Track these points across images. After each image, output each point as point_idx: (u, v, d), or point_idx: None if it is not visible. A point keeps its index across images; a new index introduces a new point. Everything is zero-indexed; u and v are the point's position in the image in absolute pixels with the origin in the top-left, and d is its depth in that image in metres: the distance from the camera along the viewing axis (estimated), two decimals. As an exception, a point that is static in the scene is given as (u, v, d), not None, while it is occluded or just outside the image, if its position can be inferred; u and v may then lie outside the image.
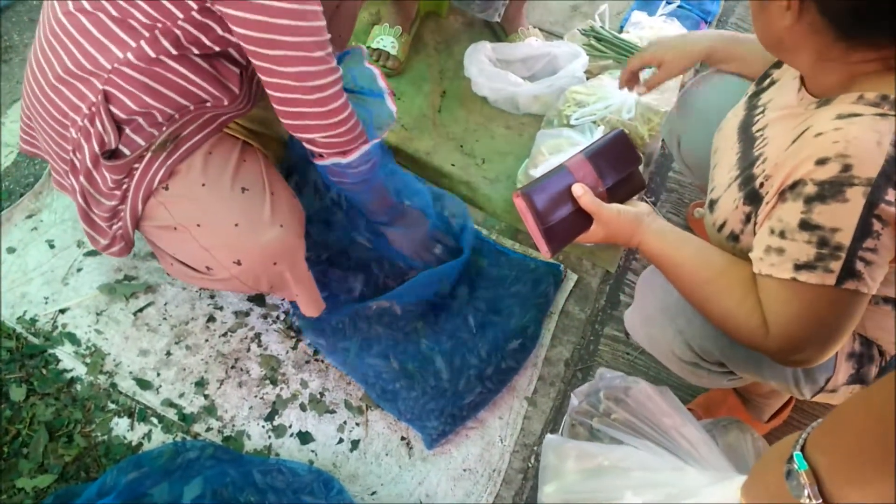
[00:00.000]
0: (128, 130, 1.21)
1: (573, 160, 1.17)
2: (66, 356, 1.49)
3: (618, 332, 1.69)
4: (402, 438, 1.49)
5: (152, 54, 1.15)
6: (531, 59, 2.12)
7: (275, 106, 1.19)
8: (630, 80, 1.58)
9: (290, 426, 1.48)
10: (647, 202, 1.96)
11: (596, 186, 1.15)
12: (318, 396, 1.52)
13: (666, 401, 1.07)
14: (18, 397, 1.42)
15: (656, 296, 1.24)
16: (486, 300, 1.66)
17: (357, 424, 1.50)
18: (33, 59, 1.27)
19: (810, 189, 0.92)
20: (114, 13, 1.13)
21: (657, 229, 1.12)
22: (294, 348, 1.57)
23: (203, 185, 1.27)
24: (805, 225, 0.92)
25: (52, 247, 1.64)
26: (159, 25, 1.13)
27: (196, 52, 1.17)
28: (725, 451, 1.05)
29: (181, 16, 1.12)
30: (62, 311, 1.55)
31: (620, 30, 2.29)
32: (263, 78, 1.15)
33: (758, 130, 1.13)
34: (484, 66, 2.04)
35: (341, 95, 1.21)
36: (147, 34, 1.13)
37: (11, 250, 1.62)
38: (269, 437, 1.46)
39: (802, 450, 0.67)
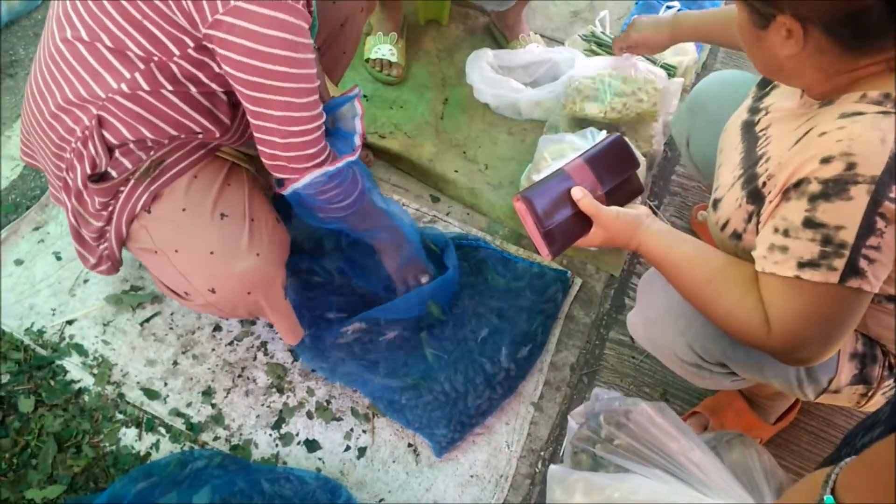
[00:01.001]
0: (117, 153, 1.23)
1: (572, 164, 1.18)
2: (73, 367, 1.50)
3: (623, 335, 1.69)
4: (409, 445, 1.49)
5: (147, 87, 1.16)
6: (532, 65, 2.13)
7: (253, 133, 1.20)
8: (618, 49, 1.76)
9: (297, 434, 1.48)
10: (649, 205, 1.96)
11: (594, 190, 1.16)
12: (325, 404, 1.52)
13: (668, 421, 1.06)
14: (27, 409, 1.42)
15: (657, 298, 1.24)
16: (493, 308, 1.66)
17: (364, 432, 1.50)
18: (33, 85, 1.28)
19: (814, 187, 0.92)
20: (109, 43, 1.14)
21: (656, 230, 1.12)
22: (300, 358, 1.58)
23: (184, 209, 1.28)
24: (809, 223, 0.93)
25: (58, 258, 1.65)
26: (155, 59, 1.14)
27: (194, 89, 1.19)
28: (732, 468, 1.04)
29: (177, 52, 1.13)
30: (69, 323, 1.56)
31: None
32: (248, 108, 1.15)
33: (761, 130, 1.13)
34: (485, 72, 2.05)
35: (321, 140, 1.22)
36: (142, 66, 1.14)
37: (19, 262, 1.64)
38: (277, 445, 1.46)
39: (832, 492, 0.66)
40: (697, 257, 1.08)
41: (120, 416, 1.46)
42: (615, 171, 1.19)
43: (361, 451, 1.47)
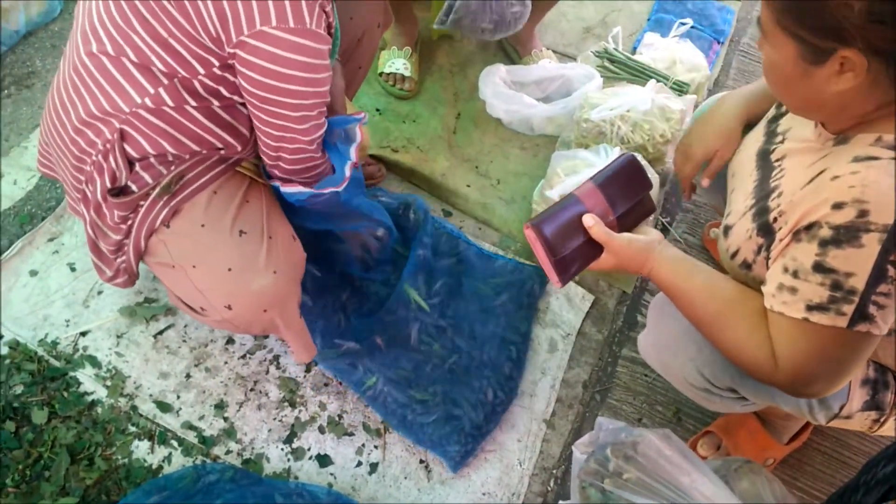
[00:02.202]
0: (137, 167, 1.24)
1: (583, 189, 1.16)
2: (87, 379, 1.50)
3: (635, 353, 1.68)
4: (421, 461, 1.49)
5: (171, 102, 1.17)
6: (545, 80, 2.14)
7: (259, 137, 1.25)
8: (690, 188, 1.50)
9: (309, 449, 1.48)
10: (662, 223, 1.96)
11: (606, 215, 1.15)
12: (337, 419, 1.52)
13: (676, 452, 1.06)
14: (40, 420, 1.43)
15: (667, 322, 1.24)
16: (477, 308, 1.69)
17: (375, 447, 1.50)
18: (55, 96, 1.28)
19: (826, 232, 0.92)
20: (134, 58, 1.15)
21: (668, 258, 1.12)
22: (311, 370, 1.58)
23: (203, 225, 1.28)
24: (819, 267, 0.93)
25: (73, 270, 1.66)
26: (179, 76, 1.15)
27: (216, 103, 1.20)
28: (742, 498, 1.04)
29: (203, 71, 1.15)
30: (83, 334, 1.57)
31: (633, 51, 2.30)
32: (255, 115, 1.20)
33: (776, 160, 1.13)
34: (498, 88, 2.06)
35: (318, 149, 1.29)
36: (166, 82, 1.16)
37: (34, 273, 1.64)
38: (289, 459, 1.46)
39: None
40: (708, 288, 1.08)
41: (132, 429, 1.46)
42: (628, 193, 1.18)
43: (373, 467, 1.47)
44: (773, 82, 1.02)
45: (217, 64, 1.14)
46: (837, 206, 0.91)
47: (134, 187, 1.24)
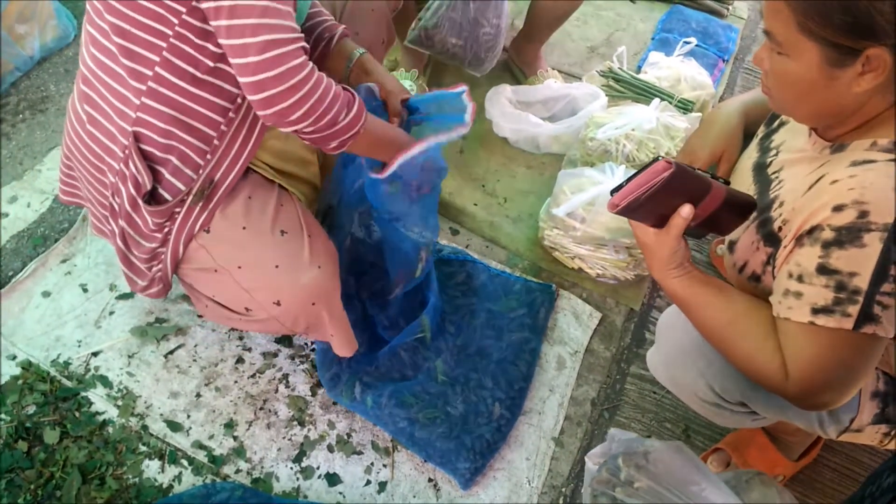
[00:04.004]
0: (166, 174, 1.25)
1: (716, 186, 1.04)
2: (98, 399, 1.52)
3: (644, 370, 1.68)
4: (430, 480, 1.49)
5: (172, 78, 1.17)
6: (550, 100, 2.16)
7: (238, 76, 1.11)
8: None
9: (318, 468, 1.48)
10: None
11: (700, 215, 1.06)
12: (346, 437, 1.53)
13: (687, 462, 1.06)
14: (52, 440, 1.44)
15: (676, 337, 1.25)
16: (486, 326, 1.70)
17: (384, 466, 1.50)
18: (70, 108, 1.33)
19: (827, 234, 0.93)
20: (123, 43, 1.16)
21: (687, 269, 1.11)
22: (321, 389, 1.58)
23: (244, 228, 1.31)
24: (822, 269, 0.94)
25: (85, 290, 1.68)
26: (163, 45, 1.14)
27: (210, 63, 1.17)
28: None
29: (175, 21, 1.12)
30: (95, 354, 1.58)
31: (638, 70, 2.33)
32: (228, 45, 1.09)
33: (773, 172, 1.14)
34: (504, 108, 2.08)
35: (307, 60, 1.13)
36: (157, 58, 1.16)
37: (46, 294, 1.66)
38: (298, 478, 1.47)
39: None
40: (720, 298, 1.08)
41: (143, 448, 1.47)
42: (732, 220, 1.11)
43: (382, 486, 1.47)
44: (789, 94, 1.01)
45: (184, 10, 1.11)
46: (838, 209, 0.92)
47: (167, 195, 1.26)
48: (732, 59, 2.50)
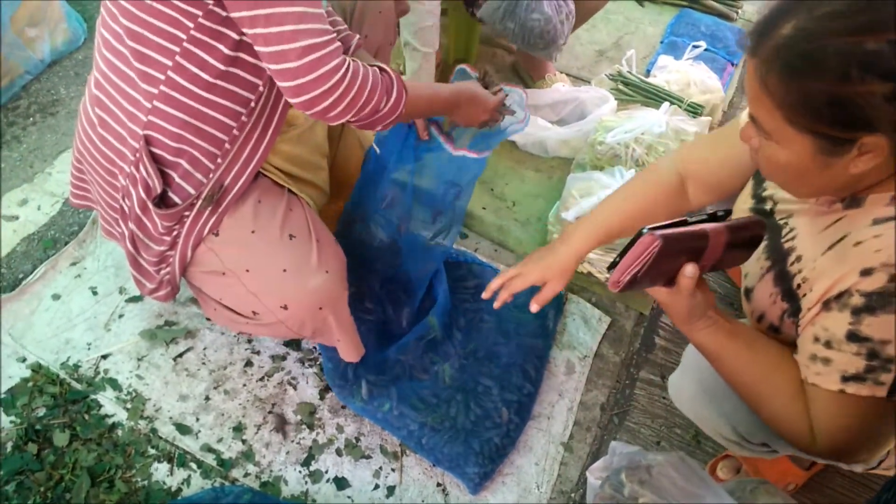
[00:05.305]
0: (176, 178, 1.25)
1: (715, 228, 0.99)
2: (107, 401, 1.52)
3: (653, 375, 1.68)
4: (438, 485, 1.48)
5: (185, 82, 1.17)
6: (559, 104, 2.16)
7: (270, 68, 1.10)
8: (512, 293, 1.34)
9: (327, 472, 1.48)
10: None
11: (709, 260, 1.01)
12: (354, 441, 1.52)
13: (692, 476, 1.05)
14: (62, 443, 1.44)
15: (703, 374, 1.21)
16: (495, 330, 1.69)
17: (393, 470, 1.50)
18: (82, 111, 1.33)
19: (857, 300, 0.88)
20: (136, 47, 1.16)
21: (713, 321, 1.04)
22: (329, 393, 1.58)
23: (253, 231, 1.31)
24: (853, 336, 0.89)
25: (95, 293, 1.69)
26: (177, 49, 1.15)
27: (222, 67, 1.16)
28: None
29: (191, 25, 1.12)
30: (104, 357, 1.59)
31: (647, 74, 2.32)
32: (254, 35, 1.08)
33: (781, 219, 1.09)
34: (513, 111, 2.08)
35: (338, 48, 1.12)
36: (170, 63, 1.16)
37: (56, 297, 1.67)
38: (306, 482, 1.46)
39: None
40: (748, 353, 1.03)
41: (152, 451, 1.47)
42: (738, 255, 1.07)
43: (390, 490, 1.47)
44: (780, 176, 0.97)
45: (201, 13, 1.11)
46: (866, 273, 0.87)
47: (177, 198, 1.27)
48: (742, 63, 2.49)
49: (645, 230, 0.94)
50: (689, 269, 0.96)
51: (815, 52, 0.82)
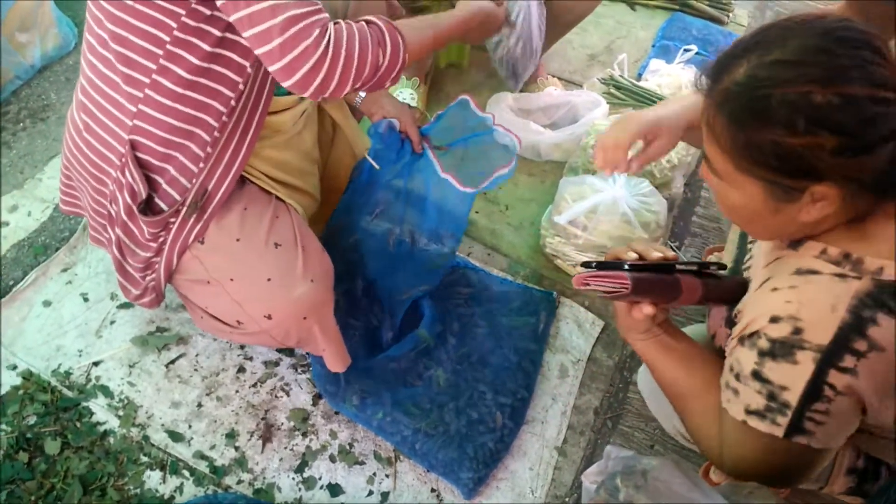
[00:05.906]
0: (164, 184, 1.25)
1: (688, 282, 1.03)
2: (99, 409, 1.51)
3: (646, 379, 1.68)
4: (433, 490, 1.48)
5: (169, 84, 1.16)
6: (551, 107, 2.16)
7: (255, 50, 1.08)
8: (617, 160, 1.30)
9: (320, 478, 1.47)
10: (670, 245, 1.97)
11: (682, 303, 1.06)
12: (348, 447, 1.52)
13: (686, 480, 1.06)
14: (53, 451, 1.43)
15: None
16: (489, 334, 1.70)
17: (386, 476, 1.49)
18: (69, 118, 1.32)
19: (763, 343, 0.91)
20: (120, 50, 1.16)
21: (655, 336, 1.10)
22: (322, 399, 1.58)
23: (238, 239, 1.30)
24: (757, 375, 0.92)
25: (86, 300, 1.68)
26: (160, 52, 1.14)
27: (203, 63, 1.15)
28: None
29: (174, 25, 1.12)
30: (96, 364, 1.58)
31: (639, 78, 2.33)
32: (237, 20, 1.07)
33: (750, 242, 1.13)
34: (505, 115, 2.08)
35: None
36: (154, 66, 1.15)
37: (47, 303, 1.66)
38: (300, 489, 1.46)
39: None
40: (680, 370, 1.07)
41: (144, 459, 1.46)
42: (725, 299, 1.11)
43: (384, 496, 1.46)
44: (734, 217, 0.98)
45: (184, 12, 1.10)
46: (774, 320, 0.89)
47: (163, 204, 1.26)
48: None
49: (626, 266, 0.98)
50: (647, 310, 1.01)
51: (762, 101, 0.82)
